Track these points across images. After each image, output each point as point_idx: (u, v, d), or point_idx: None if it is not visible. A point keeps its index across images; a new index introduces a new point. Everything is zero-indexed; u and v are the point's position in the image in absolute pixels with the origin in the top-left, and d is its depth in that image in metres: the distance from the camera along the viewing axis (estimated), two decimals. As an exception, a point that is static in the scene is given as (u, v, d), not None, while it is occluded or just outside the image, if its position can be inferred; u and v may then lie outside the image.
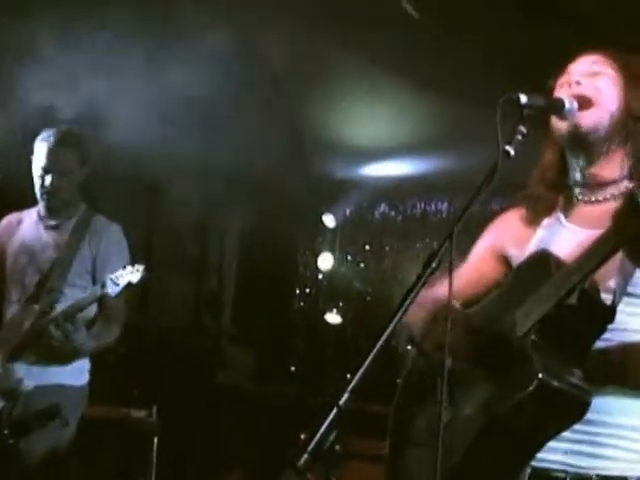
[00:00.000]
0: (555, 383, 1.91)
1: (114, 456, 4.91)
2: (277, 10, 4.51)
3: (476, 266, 2.38)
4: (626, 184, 2.16)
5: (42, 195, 4.02)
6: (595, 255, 1.90)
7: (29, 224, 4.13)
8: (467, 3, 4.38)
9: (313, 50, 4.97)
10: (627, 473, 2.02)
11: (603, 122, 2.14)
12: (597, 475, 2.02)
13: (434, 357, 2.08)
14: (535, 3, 4.33)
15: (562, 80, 2.21)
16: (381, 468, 2.24)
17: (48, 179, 3.96)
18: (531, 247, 2.23)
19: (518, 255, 2.25)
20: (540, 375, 1.90)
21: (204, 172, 6.50)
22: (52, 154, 3.95)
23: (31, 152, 4.04)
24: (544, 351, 1.95)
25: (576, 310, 1.94)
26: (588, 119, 2.14)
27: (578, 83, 2.15)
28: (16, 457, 3.80)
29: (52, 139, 3.96)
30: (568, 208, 2.23)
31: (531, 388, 1.89)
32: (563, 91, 2.17)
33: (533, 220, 2.27)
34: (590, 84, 2.15)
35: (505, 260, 2.33)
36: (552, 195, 2.26)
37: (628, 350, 2.04)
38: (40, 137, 4.00)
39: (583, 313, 1.95)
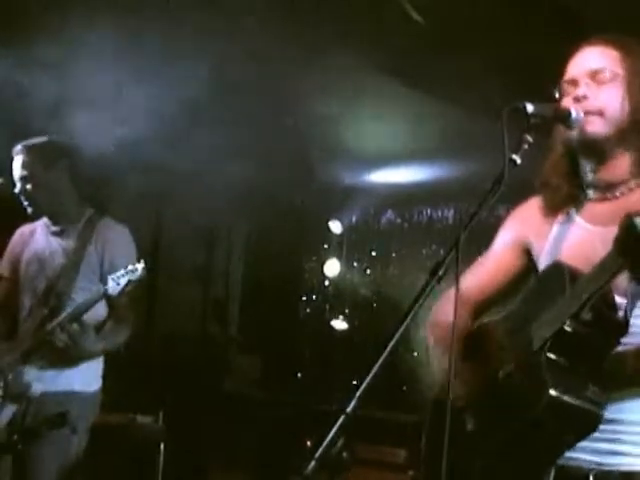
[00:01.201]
0: (566, 398, 1.94)
1: (121, 461, 4.92)
2: (281, 17, 4.52)
3: (499, 259, 2.40)
4: (636, 181, 2.18)
5: (24, 202, 4.10)
6: (601, 275, 1.93)
7: (40, 233, 4.18)
8: (473, 9, 4.38)
9: (318, 58, 4.97)
10: None
11: (609, 131, 2.16)
12: (619, 471, 2.04)
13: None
14: (542, 10, 4.33)
15: (568, 89, 2.21)
16: (386, 474, 2.28)
17: (19, 185, 4.06)
18: (548, 244, 2.25)
19: (538, 247, 2.28)
20: (551, 391, 1.92)
21: (210, 179, 6.51)
22: (16, 163, 4.06)
23: None
24: (558, 366, 1.98)
25: (590, 325, 1.97)
26: (594, 128, 2.15)
27: (585, 97, 2.16)
28: (25, 463, 3.82)
29: (17, 149, 4.07)
30: (580, 205, 2.25)
31: (542, 404, 1.92)
32: (569, 102, 2.18)
33: (551, 211, 2.29)
34: (596, 97, 2.16)
35: (527, 251, 2.35)
36: (567, 185, 2.27)
37: None
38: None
39: (597, 328, 1.97)
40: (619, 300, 2.01)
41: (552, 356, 1.99)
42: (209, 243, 7.72)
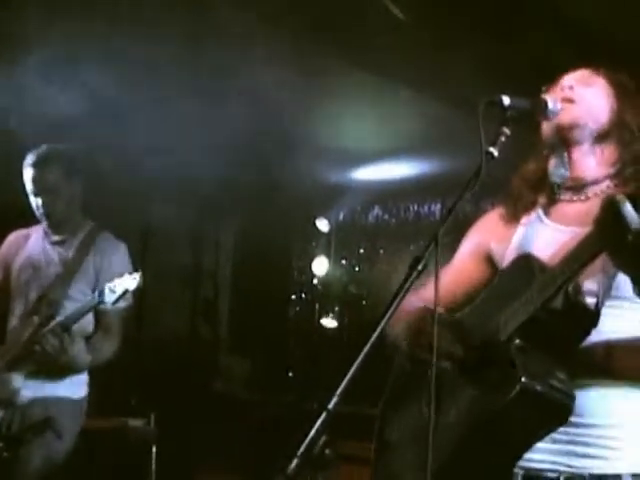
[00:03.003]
0: (538, 387, 1.92)
1: (113, 465, 4.91)
2: (263, 15, 4.51)
3: (460, 266, 2.39)
4: (607, 183, 2.19)
5: (40, 216, 4.07)
6: (577, 259, 1.91)
7: (35, 240, 4.15)
8: (455, 6, 4.39)
9: (302, 56, 4.96)
10: (620, 471, 2.03)
11: (585, 120, 2.19)
12: (590, 474, 2.02)
13: (422, 357, 2.08)
14: (526, 6, 4.34)
15: (555, 88, 2.25)
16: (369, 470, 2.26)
17: (39, 201, 4.01)
18: (512, 244, 2.25)
19: (500, 251, 2.28)
20: (523, 379, 1.90)
21: (197, 180, 6.50)
22: (36, 176, 3.99)
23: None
24: (528, 355, 1.96)
25: (560, 314, 1.95)
26: (569, 114, 2.18)
27: (571, 87, 2.20)
28: (11, 469, 3.80)
29: (32, 161, 4.00)
30: (548, 206, 2.26)
31: (514, 392, 1.90)
32: (553, 94, 2.21)
33: (512, 218, 2.30)
34: (581, 90, 2.20)
35: (489, 259, 2.35)
36: (532, 195, 2.28)
37: (611, 345, 2.05)
38: (25, 162, 4.02)
39: (567, 317, 1.95)
40: (591, 290, 2.00)
41: (521, 345, 1.96)
42: (197, 244, 7.71)
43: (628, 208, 1.79)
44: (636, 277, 1.91)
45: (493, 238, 2.33)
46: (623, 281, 1.99)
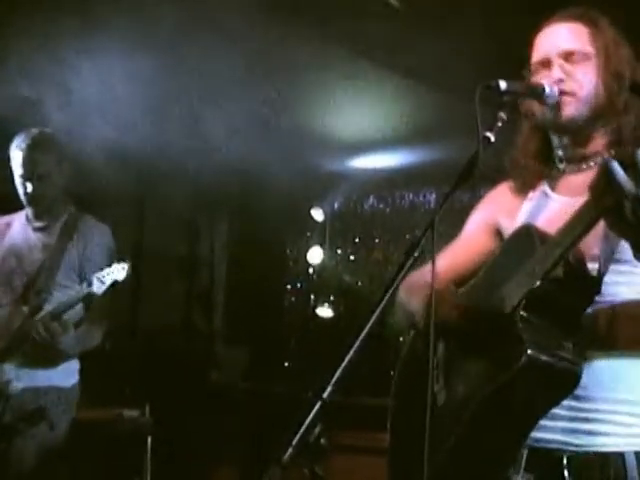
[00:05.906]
0: (544, 357, 1.89)
1: (108, 456, 4.90)
2: (259, 2, 4.49)
3: (470, 240, 2.36)
4: (610, 151, 2.16)
5: (27, 202, 4.02)
6: (576, 227, 1.89)
7: (18, 227, 4.12)
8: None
9: (297, 44, 4.95)
10: (623, 448, 2.01)
11: (586, 112, 2.15)
12: (594, 452, 2.00)
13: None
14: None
15: (540, 70, 2.19)
16: (367, 459, 2.24)
17: (29, 186, 3.94)
18: (519, 219, 2.22)
19: (509, 226, 2.25)
20: (529, 351, 1.88)
21: (191, 169, 6.49)
22: (28, 160, 3.92)
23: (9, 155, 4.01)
24: (533, 326, 1.93)
25: (563, 283, 1.93)
26: (571, 110, 2.14)
27: (561, 80, 2.15)
28: (6, 461, 3.79)
29: (25, 144, 3.93)
30: (553, 179, 2.23)
31: (520, 364, 1.88)
32: (547, 79, 2.16)
33: (521, 189, 2.27)
34: (571, 77, 2.15)
35: (498, 232, 2.32)
36: (537, 164, 2.25)
37: (616, 313, 2.03)
38: (14, 144, 3.97)
39: (570, 285, 1.94)
40: (593, 256, 1.98)
41: (525, 316, 1.94)
42: (192, 235, 7.69)
43: (620, 172, 1.76)
44: (635, 242, 1.87)
45: (502, 212, 2.30)
46: (626, 245, 1.95)
